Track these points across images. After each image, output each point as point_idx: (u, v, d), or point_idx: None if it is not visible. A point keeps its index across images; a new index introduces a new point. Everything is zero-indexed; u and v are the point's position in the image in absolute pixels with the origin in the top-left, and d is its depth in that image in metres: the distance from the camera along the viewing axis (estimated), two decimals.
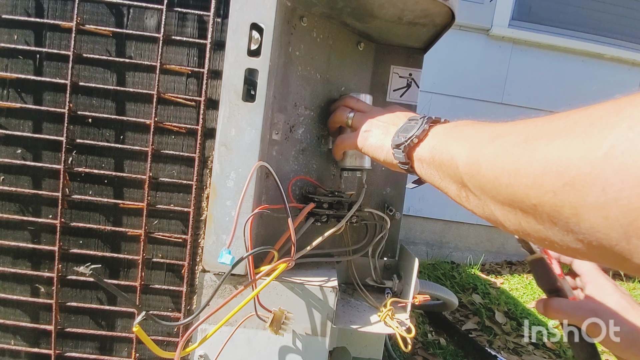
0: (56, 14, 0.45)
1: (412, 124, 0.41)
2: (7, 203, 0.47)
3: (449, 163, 0.33)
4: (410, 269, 0.58)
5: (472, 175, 0.30)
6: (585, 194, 0.20)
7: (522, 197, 0.24)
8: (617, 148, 0.18)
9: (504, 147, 0.27)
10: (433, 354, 1.27)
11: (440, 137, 0.37)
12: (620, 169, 0.18)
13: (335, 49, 0.59)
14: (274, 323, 0.45)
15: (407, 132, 0.40)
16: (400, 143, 0.40)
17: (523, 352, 1.34)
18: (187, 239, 0.48)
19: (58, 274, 0.47)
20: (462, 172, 0.31)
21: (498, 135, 0.29)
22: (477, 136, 0.31)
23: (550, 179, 0.22)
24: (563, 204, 0.21)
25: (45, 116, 0.46)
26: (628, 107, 0.19)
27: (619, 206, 0.18)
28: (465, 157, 0.31)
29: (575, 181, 0.20)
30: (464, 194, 0.32)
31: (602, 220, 0.19)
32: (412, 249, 0.64)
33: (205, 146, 0.48)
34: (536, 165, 0.23)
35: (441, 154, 0.35)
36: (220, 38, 0.46)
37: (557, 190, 0.21)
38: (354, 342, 0.62)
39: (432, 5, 0.51)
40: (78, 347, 0.49)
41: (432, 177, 0.38)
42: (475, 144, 0.30)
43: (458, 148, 0.33)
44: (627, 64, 2.26)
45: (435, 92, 2.21)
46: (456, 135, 0.35)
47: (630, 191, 0.18)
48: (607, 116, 0.20)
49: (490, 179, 0.27)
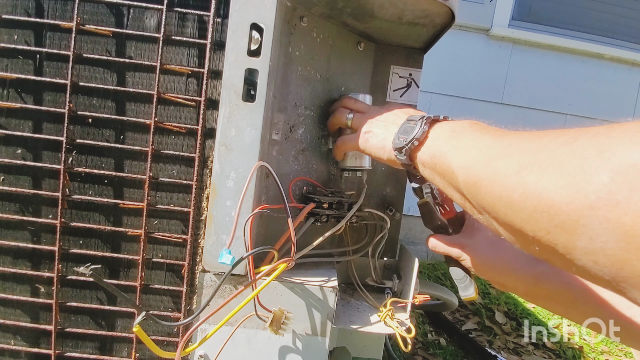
0: (56, 14, 0.45)
1: (412, 125, 0.41)
2: (7, 203, 0.47)
3: (450, 175, 0.33)
4: (410, 269, 0.58)
5: (473, 195, 0.30)
6: (574, 238, 0.20)
7: (520, 227, 0.25)
8: (601, 200, 0.19)
9: (499, 174, 0.27)
10: (433, 354, 1.27)
11: (440, 143, 0.37)
12: (604, 221, 0.19)
13: (335, 49, 0.59)
14: (274, 323, 0.45)
15: (407, 134, 0.40)
16: (401, 147, 0.40)
17: (523, 352, 1.34)
18: (187, 239, 0.48)
19: (58, 274, 0.47)
20: (462, 188, 0.31)
21: (494, 156, 0.29)
22: (475, 151, 0.31)
23: (543, 218, 0.22)
24: (557, 243, 0.22)
25: (45, 116, 0.46)
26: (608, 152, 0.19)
27: (605, 255, 0.19)
28: (464, 175, 0.31)
29: (565, 225, 0.21)
30: (469, 206, 0.32)
31: (593, 264, 0.20)
32: (412, 249, 0.64)
33: (205, 146, 0.48)
34: (529, 201, 0.23)
35: (442, 163, 0.35)
36: (220, 38, 0.46)
37: (550, 230, 0.22)
38: (354, 342, 0.62)
39: (432, 6, 0.51)
40: (78, 347, 0.49)
41: (436, 182, 0.38)
42: (473, 161, 0.30)
43: (457, 161, 0.33)
44: (627, 64, 2.26)
45: (435, 92, 2.21)
46: (455, 144, 0.35)
47: (614, 244, 0.18)
48: (591, 160, 0.20)
49: (489, 203, 0.28)
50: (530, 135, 0.27)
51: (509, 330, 1.47)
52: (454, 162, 0.33)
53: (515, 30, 2.19)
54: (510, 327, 1.48)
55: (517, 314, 1.57)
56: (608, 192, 0.19)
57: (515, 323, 1.51)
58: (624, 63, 2.26)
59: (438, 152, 0.36)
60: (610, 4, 2.28)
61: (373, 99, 0.64)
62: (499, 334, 1.44)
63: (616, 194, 0.18)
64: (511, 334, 1.44)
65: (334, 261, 0.60)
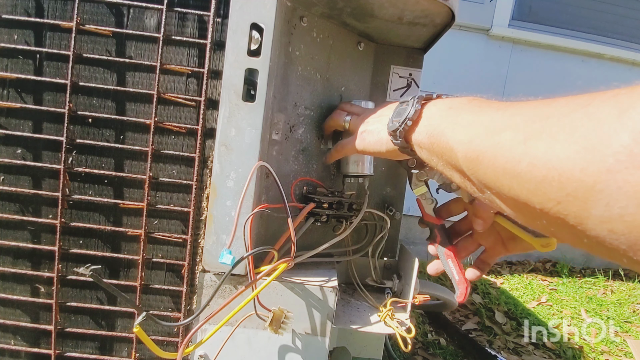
0: (56, 14, 0.45)
1: (404, 106, 0.39)
2: (7, 203, 0.47)
3: (448, 153, 0.32)
4: (410, 269, 0.58)
5: (474, 170, 0.28)
6: (589, 206, 0.19)
7: (526, 200, 0.23)
8: (621, 163, 0.18)
9: (503, 145, 0.25)
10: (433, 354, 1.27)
11: (437, 120, 0.35)
12: (624, 185, 0.17)
13: (335, 49, 0.59)
14: (274, 322, 0.45)
15: (400, 116, 0.39)
16: (395, 129, 0.39)
17: (523, 352, 1.34)
18: (187, 239, 0.47)
19: (58, 274, 0.47)
20: (462, 165, 0.30)
21: (497, 128, 0.27)
22: (476, 125, 0.30)
23: (553, 188, 0.21)
24: (567, 213, 0.20)
25: (45, 116, 0.46)
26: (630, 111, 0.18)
27: (623, 222, 0.18)
28: (464, 150, 0.29)
29: (578, 193, 0.19)
30: (469, 185, 0.31)
31: (608, 232, 0.19)
32: (412, 249, 0.64)
33: (205, 146, 0.48)
34: (537, 171, 0.22)
35: (439, 142, 0.33)
36: (220, 38, 0.46)
37: (560, 200, 0.21)
38: (354, 342, 0.62)
39: (432, 6, 0.51)
40: (78, 347, 0.49)
41: (435, 164, 0.36)
42: (474, 135, 0.29)
43: (456, 137, 0.31)
44: (627, 64, 2.26)
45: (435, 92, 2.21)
46: (453, 121, 0.33)
47: (634, 208, 0.17)
48: (610, 121, 0.19)
49: (492, 178, 0.26)
50: (537, 103, 0.26)
51: (509, 330, 1.46)
52: (452, 138, 0.31)
53: (515, 30, 2.19)
54: (510, 327, 1.48)
55: (517, 314, 1.57)
56: (629, 153, 0.17)
57: (515, 323, 1.51)
58: (624, 63, 2.26)
59: (435, 131, 0.35)
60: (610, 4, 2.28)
61: (373, 99, 0.64)
62: (499, 334, 1.44)
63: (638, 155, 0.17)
64: (511, 334, 1.44)
65: (334, 261, 0.60)
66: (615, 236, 0.18)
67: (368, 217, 0.63)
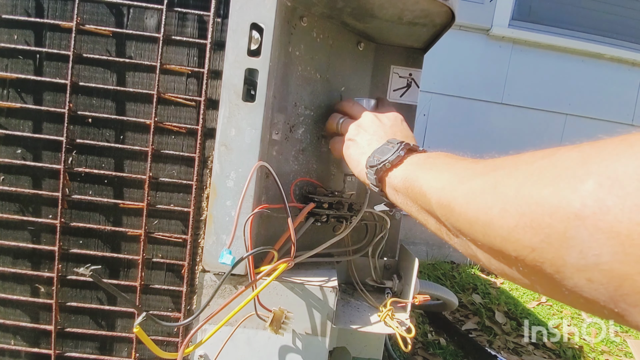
0: (56, 14, 0.45)
1: (389, 147, 0.40)
2: (7, 203, 0.47)
3: (422, 198, 0.32)
4: (410, 269, 0.58)
5: (447, 217, 0.28)
6: (562, 254, 0.18)
7: (501, 247, 0.22)
8: (588, 208, 0.17)
9: (474, 192, 0.25)
10: (433, 354, 1.27)
11: (414, 167, 0.36)
12: (595, 232, 0.16)
13: (335, 49, 0.59)
14: (274, 322, 0.45)
15: (382, 155, 0.40)
16: (373, 165, 0.40)
17: (523, 352, 1.34)
18: (187, 239, 0.48)
19: (58, 274, 0.47)
20: (436, 211, 0.30)
21: (468, 175, 0.27)
22: (450, 172, 0.30)
23: (526, 235, 0.20)
24: (543, 261, 0.19)
25: (45, 116, 0.46)
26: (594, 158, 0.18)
27: (600, 271, 0.17)
28: (437, 197, 0.30)
29: (551, 239, 0.19)
30: (445, 231, 0.31)
31: (586, 282, 0.17)
32: (412, 249, 0.64)
33: (205, 146, 0.48)
34: (509, 217, 0.21)
35: (414, 187, 0.34)
36: (220, 38, 0.46)
37: (534, 247, 0.20)
38: (354, 342, 0.62)
39: (432, 5, 0.51)
40: (78, 347, 0.49)
41: (409, 208, 0.37)
42: (446, 182, 0.29)
43: (429, 183, 0.32)
44: (627, 64, 2.26)
45: (435, 92, 2.21)
46: (429, 168, 0.34)
47: (610, 256, 0.16)
48: (575, 167, 0.18)
49: (465, 225, 0.26)
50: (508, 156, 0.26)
51: (509, 330, 1.47)
52: (426, 184, 0.32)
53: (515, 30, 2.19)
54: (510, 327, 1.48)
55: (517, 314, 1.57)
56: (596, 198, 0.17)
57: (515, 323, 1.51)
58: (624, 63, 2.26)
59: (411, 176, 0.36)
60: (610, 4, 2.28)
61: None
62: (499, 334, 1.44)
63: (605, 200, 0.16)
64: (511, 334, 1.44)
65: (334, 261, 0.60)
66: (594, 286, 0.17)
67: (368, 217, 0.63)
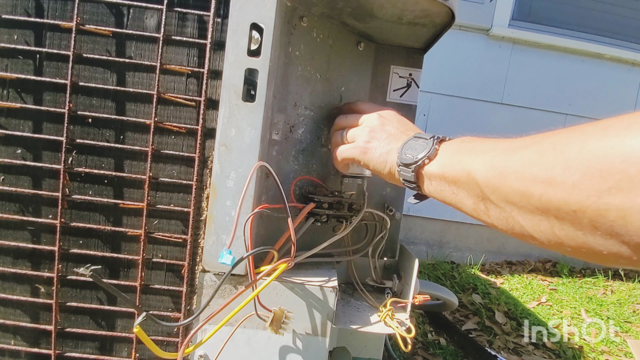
0: (56, 14, 0.45)
1: (421, 142, 0.41)
2: (7, 203, 0.47)
3: (464, 178, 0.33)
4: (410, 269, 0.58)
5: (496, 187, 0.29)
6: (633, 195, 0.19)
7: (559, 204, 0.23)
8: None
9: (531, 157, 0.26)
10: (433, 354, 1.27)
11: (450, 153, 0.38)
12: None
13: (335, 49, 0.59)
14: (274, 322, 0.45)
15: (416, 152, 0.40)
16: (409, 162, 0.40)
17: (523, 352, 1.34)
18: (187, 239, 0.48)
19: (58, 274, 0.47)
20: (482, 185, 0.31)
21: (518, 147, 0.29)
22: (494, 150, 0.31)
23: (593, 184, 0.21)
24: (608, 207, 0.21)
25: (45, 116, 0.46)
26: None
27: None
28: (484, 170, 0.31)
29: (622, 184, 0.20)
30: (483, 207, 0.32)
31: None
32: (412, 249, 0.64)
33: (205, 146, 0.48)
34: (574, 171, 0.22)
35: (454, 170, 0.35)
36: (220, 38, 0.46)
37: (600, 194, 0.21)
38: (354, 342, 0.62)
39: (432, 6, 0.51)
40: (78, 347, 0.49)
41: (443, 193, 0.38)
42: (495, 157, 0.30)
43: (474, 162, 0.33)
44: (627, 64, 2.26)
45: (435, 92, 2.21)
46: (468, 150, 0.35)
47: None
48: None
49: (519, 190, 0.27)
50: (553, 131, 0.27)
51: (509, 330, 1.46)
52: (470, 163, 0.33)
53: (515, 30, 2.19)
54: (510, 327, 1.48)
55: (517, 314, 1.57)
56: None
57: (515, 323, 1.51)
58: (624, 63, 2.26)
59: (449, 161, 0.37)
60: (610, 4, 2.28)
61: (373, 99, 0.64)
62: (499, 334, 1.44)
63: None
64: (511, 334, 1.44)
65: (334, 261, 0.60)
66: None
67: (368, 217, 0.63)
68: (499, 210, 0.30)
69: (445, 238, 2.32)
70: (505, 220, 0.30)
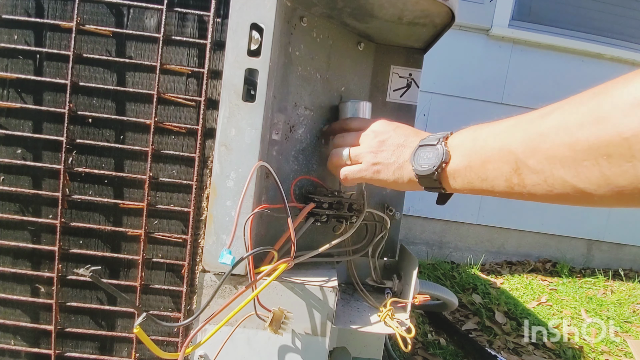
0: (56, 14, 0.45)
1: (430, 149, 0.41)
2: (7, 203, 0.47)
3: (497, 155, 0.34)
4: (410, 269, 0.58)
5: (536, 149, 0.31)
6: None
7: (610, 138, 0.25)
8: None
9: (570, 110, 0.29)
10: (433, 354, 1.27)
11: (469, 143, 0.38)
12: None
13: (335, 49, 0.59)
14: (274, 322, 0.45)
15: (429, 161, 0.40)
16: (429, 173, 0.40)
17: (523, 352, 1.34)
18: (187, 239, 0.48)
19: (58, 274, 0.47)
20: (519, 154, 0.32)
21: (546, 112, 0.31)
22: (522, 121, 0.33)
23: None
24: None
25: (45, 116, 0.46)
26: None
27: None
28: (520, 139, 0.32)
29: None
30: (517, 180, 0.33)
31: None
32: (412, 249, 0.64)
33: (205, 146, 0.48)
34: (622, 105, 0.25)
35: (481, 155, 0.36)
36: (220, 38, 0.46)
37: None
38: (354, 342, 0.62)
39: (432, 6, 0.51)
40: (78, 347, 0.49)
41: (472, 184, 0.38)
42: (527, 125, 0.32)
43: (504, 139, 0.34)
44: (627, 64, 2.26)
45: (435, 92, 2.21)
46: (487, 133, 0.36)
47: None
48: None
49: (563, 141, 0.29)
50: None
51: (509, 330, 1.46)
52: (500, 141, 0.34)
53: (515, 30, 2.19)
54: (510, 327, 1.48)
55: (517, 314, 1.57)
56: None
57: (515, 323, 1.51)
58: (624, 63, 2.26)
59: (472, 150, 0.37)
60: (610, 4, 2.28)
61: (373, 99, 0.64)
62: (499, 334, 1.44)
63: None
64: (511, 334, 1.44)
65: (334, 261, 0.60)
66: None
67: (368, 217, 0.63)
68: (537, 173, 0.31)
69: (445, 238, 2.32)
70: (544, 183, 0.31)
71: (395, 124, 0.49)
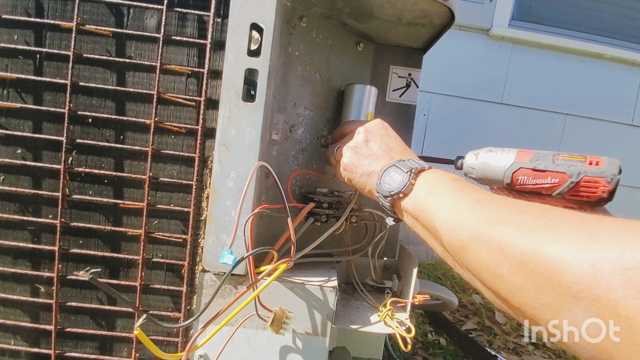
0: (56, 14, 0.45)
1: (398, 174, 0.40)
2: (7, 203, 0.47)
3: (433, 230, 0.33)
4: (410, 269, 0.58)
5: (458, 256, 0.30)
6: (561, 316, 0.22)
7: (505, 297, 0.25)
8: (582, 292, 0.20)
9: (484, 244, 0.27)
10: (433, 354, 1.27)
11: (422, 195, 0.36)
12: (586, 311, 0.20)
13: (334, 49, 0.59)
14: (275, 323, 0.45)
15: (393, 184, 0.39)
16: (385, 195, 0.40)
17: (523, 352, 1.34)
18: (187, 239, 0.48)
19: (58, 274, 0.47)
20: (446, 246, 0.31)
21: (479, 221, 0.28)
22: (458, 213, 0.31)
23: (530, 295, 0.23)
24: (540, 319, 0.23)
25: (45, 116, 0.46)
26: None
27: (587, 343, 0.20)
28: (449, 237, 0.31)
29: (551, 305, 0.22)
30: (450, 260, 0.33)
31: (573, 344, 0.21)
32: (412, 249, 0.64)
33: (205, 146, 0.48)
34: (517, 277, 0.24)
35: (424, 217, 0.35)
36: (220, 38, 0.46)
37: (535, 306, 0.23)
38: (354, 342, 0.62)
39: (432, 6, 0.51)
40: (78, 347, 0.49)
41: (418, 230, 0.38)
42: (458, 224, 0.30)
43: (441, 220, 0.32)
44: (627, 64, 2.26)
45: (435, 92, 2.21)
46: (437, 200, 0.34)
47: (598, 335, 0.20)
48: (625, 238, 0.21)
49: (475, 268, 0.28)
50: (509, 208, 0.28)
51: (509, 330, 1.46)
52: (437, 219, 0.33)
53: (515, 30, 2.19)
54: (510, 327, 1.48)
55: None
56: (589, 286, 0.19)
57: (515, 323, 1.51)
58: (624, 63, 2.26)
59: (420, 205, 0.36)
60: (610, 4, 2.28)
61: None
62: (499, 334, 1.44)
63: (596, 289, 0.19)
64: (511, 334, 1.44)
65: (334, 261, 0.60)
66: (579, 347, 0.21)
67: (368, 217, 0.63)
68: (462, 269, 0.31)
69: None
70: (468, 279, 0.31)
71: (387, 131, 0.47)
